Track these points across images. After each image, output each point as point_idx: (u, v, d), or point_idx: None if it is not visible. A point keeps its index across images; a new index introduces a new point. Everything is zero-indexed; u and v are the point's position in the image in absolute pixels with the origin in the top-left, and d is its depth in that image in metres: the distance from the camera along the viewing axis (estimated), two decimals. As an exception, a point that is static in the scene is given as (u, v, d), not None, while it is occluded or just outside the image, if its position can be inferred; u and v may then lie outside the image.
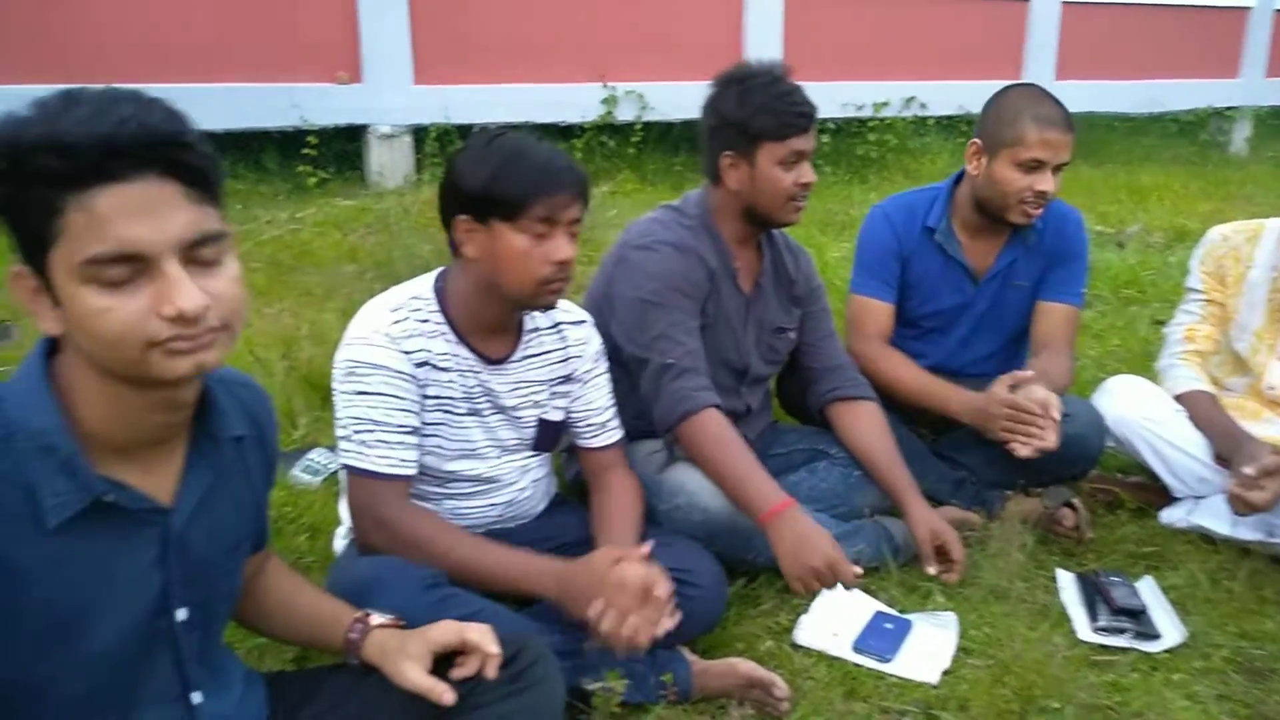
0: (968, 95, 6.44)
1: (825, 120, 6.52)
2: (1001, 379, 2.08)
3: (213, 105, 4.81)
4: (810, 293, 2.21)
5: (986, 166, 2.20)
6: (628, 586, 1.45)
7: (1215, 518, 2.12)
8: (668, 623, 1.48)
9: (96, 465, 0.97)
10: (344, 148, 5.71)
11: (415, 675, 1.22)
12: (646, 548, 1.56)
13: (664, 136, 6.35)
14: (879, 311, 2.33)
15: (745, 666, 1.64)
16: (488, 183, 1.52)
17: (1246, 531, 2.07)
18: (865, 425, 2.12)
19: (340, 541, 1.78)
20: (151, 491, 1.02)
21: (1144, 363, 3.08)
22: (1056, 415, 1.97)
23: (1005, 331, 2.41)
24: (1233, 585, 1.99)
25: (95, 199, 0.86)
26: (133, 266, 0.89)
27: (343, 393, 1.60)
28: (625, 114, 6.00)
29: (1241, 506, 1.96)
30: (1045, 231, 2.32)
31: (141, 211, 0.88)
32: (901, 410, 2.30)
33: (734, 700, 1.63)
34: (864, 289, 2.34)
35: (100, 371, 0.96)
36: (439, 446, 1.66)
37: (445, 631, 1.26)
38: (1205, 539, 2.15)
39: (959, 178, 2.33)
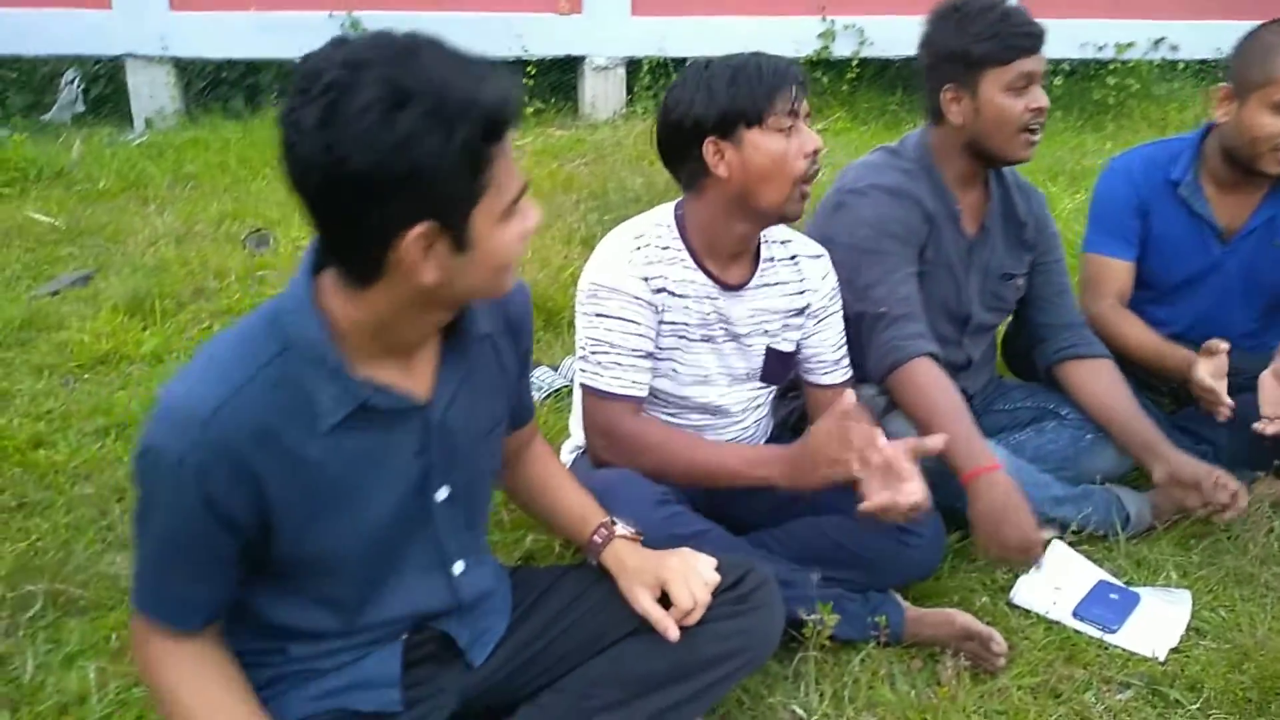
0: (1227, 37, 5.73)
1: (1059, 61, 6.06)
2: (1206, 346, 1.92)
3: (441, 34, 5.04)
4: (1044, 239, 2.10)
5: (1237, 112, 2.02)
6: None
7: None
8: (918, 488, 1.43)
9: (362, 370, 1.08)
10: (559, 79, 5.85)
11: (648, 603, 1.32)
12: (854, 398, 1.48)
13: (880, 74, 6.11)
14: (1118, 270, 2.18)
15: (963, 618, 1.63)
16: (728, 98, 1.55)
17: None
18: (1104, 381, 2.02)
19: (567, 455, 1.88)
20: (412, 389, 1.13)
21: None
22: None
23: (1262, 298, 2.20)
24: None
25: (506, 147, 1.00)
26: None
27: (584, 314, 1.67)
28: (843, 49, 5.81)
29: None
30: None
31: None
32: (1140, 379, 2.16)
33: (948, 650, 1.62)
34: (1100, 247, 2.20)
35: (410, 300, 1.04)
36: (673, 370, 1.71)
37: (672, 577, 1.31)
38: None
39: (1209, 129, 2.14)
